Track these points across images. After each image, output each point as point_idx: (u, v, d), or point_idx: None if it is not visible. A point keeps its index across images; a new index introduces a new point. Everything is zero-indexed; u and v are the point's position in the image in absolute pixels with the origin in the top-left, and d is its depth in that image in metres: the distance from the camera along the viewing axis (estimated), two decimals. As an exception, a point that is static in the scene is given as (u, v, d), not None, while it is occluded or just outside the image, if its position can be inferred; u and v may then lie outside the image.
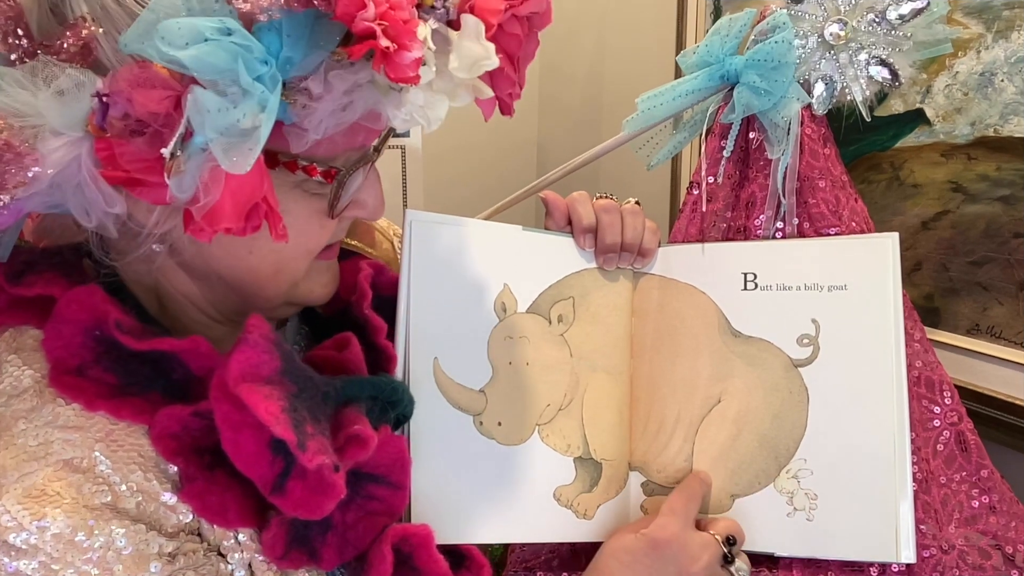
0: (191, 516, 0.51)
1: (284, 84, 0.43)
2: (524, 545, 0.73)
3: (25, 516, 0.46)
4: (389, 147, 1.46)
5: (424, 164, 1.39)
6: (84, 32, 0.43)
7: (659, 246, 0.73)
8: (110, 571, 0.47)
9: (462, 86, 0.48)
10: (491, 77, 0.50)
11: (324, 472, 0.49)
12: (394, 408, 0.59)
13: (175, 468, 0.51)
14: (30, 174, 0.42)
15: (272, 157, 0.49)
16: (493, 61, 0.47)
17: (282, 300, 0.58)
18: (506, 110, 0.54)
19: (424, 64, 0.44)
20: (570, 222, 0.71)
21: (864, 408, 0.65)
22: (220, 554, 0.52)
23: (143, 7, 0.42)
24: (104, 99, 0.42)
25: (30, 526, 0.46)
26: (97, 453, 0.49)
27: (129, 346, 0.51)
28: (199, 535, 0.52)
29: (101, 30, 0.43)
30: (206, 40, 0.40)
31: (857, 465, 0.65)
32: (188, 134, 0.42)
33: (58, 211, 0.47)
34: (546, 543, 0.72)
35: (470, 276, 0.67)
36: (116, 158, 0.42)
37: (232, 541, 0.52)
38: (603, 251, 0.71)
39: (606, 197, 0.71)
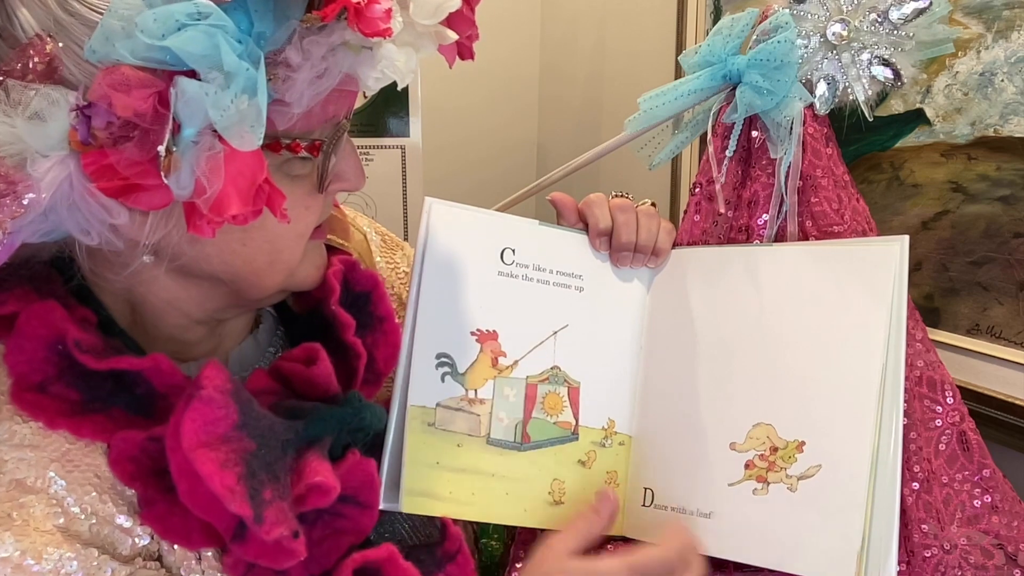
0: (149, 539, 0.50)
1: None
2: (527, 542, 0.73)
3: None
4: (389, 147, 1.46)
5: (424, 163, 1.39)
6: (48, 48, 0.42)
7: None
8: None
9: (426, 34, 0.49)
10: (449, 22, 0.50)
11: (283, 542, 0.49)
12: (362, 432, 0.59)
13: (132, 491, 0.51)
14: (25, 201, 0.41)
15: None
16: (455, 3, 0.47)
17: (278, 289, 0.57)
18: (466, 54, 0.54)
19: (392, 16, 0.44)
20: (582, 220, 0.71)
21: (843, 419, 0.63)
22: None
23: (99, 13, 0.41)
24: (84, 111, 0.41)
25: None
26: (52, 473, 0.48)
27: (88, 365, 0.50)
28: (158, 559, 0.51)
29: (60, 44, 0.42)
30: (183, 27, 0.40)
31: (827, 478, 0.62)
32: (176, 128, 0.41)
33: (52, 237, 0.46)
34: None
35: (484, 265, 0.68)
36: (108, 168, 0.41)
37: (194, 563, 0.52)
38: (617, 249, 0.71)
39: (622, 196, 0.71)
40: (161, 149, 0.41)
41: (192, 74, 0.41)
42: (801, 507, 0.62)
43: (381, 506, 0.58)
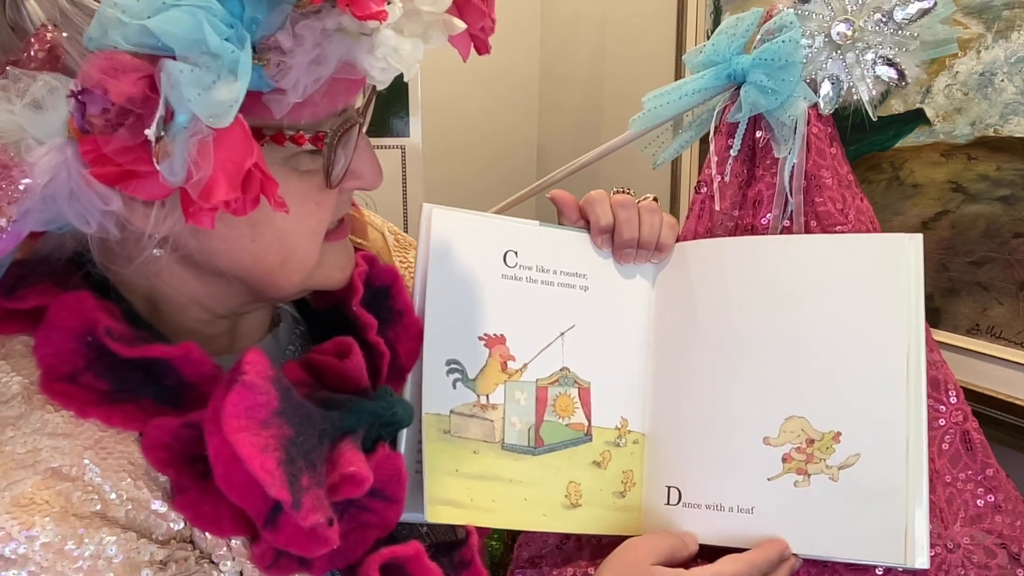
0: (183, 524, 0.50)
1: (254, 47, 0.42)
2: (530, 541, 0.73)
3: (13, 526, 0.45)
4: (389, 147, 1.46)
5: (424, 164, 1.39)
6: (49, 37, 0.42)
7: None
8: None
9: (433, 24, 0.47)
10: (460, 11, 0.48)
11: (318, 529, 0.49)
12: (393, 427, 0.59)
13: (166, 476, 0.51)
14: (21, 187, 0.41)
15: (257, 132, 0.47)
16: None
17: (297, 289, 0.57)
18: (482, 47, 0.53)
19: (389, 1, 0.43)
20: (583, 218, 0.71)
21: (877, 407, 0.65)
22: (212, 562, 0.51)
23: (99, 1, 0.42)
24: (79, 97, 0.41)
25: (19, 536, 0.44)
26: (86, 460, 0.48)
27: (120, 353, 0.50)
28: (191, 543, 0.51)
29: (64, 34, 0.43)
30: (166, 7, 0.40)
31: (867, 465, 0.64)
32: (169, 114, 0.41)
33: (55, 227, 0.46)
34: (550, 536, 0.72)
35: (488, 269, 0.68)
36: (104, 155, 0.42)
37: (224, 549, 0.52)
38: (620, 247, 0.71)
39: (623, 192, 0.71)
40: (149, 133, 0.41)
41: (183, 57, 0.41)
42: (845, 496, 0.64)
43: (404, 516, 0.57)
